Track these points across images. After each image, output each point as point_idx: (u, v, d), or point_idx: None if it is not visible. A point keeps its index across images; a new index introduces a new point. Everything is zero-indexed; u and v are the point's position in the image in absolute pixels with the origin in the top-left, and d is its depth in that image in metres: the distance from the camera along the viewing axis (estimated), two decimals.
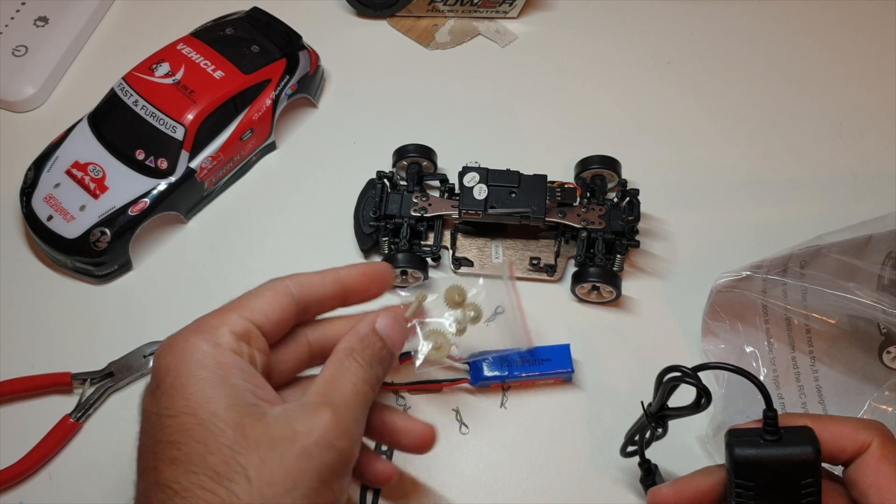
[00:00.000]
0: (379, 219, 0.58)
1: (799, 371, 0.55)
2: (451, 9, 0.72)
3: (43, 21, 0.70)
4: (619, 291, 0.58)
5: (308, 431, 0.37)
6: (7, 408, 0.56)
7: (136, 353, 0.57)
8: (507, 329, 0.55)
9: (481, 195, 0.58)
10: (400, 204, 0.59)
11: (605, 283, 0.57)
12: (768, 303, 0.54)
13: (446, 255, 0.61)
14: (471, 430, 0.55)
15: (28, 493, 0.53)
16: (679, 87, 0.69)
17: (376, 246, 0.60)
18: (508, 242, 0.61)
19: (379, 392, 0.50)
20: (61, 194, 0.59)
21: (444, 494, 0.53)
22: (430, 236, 0.60)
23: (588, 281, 0.57)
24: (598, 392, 0.56)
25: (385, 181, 0.60)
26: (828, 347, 0.54)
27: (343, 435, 0.39)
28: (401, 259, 0.57)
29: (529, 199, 0.58)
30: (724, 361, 0.43)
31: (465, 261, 0.60)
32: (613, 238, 0.58)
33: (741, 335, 0.55)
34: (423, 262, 0.58)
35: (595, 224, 0.58)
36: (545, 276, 0.60)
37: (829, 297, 0.51)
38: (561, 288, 0.60)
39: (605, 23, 0.73)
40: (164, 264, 0.61)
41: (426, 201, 0.59)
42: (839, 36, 0.72)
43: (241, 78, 0.61)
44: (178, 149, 0.59)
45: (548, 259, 0.60)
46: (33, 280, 0.60)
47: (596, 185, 0.61)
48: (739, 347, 0.55)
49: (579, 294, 0.59)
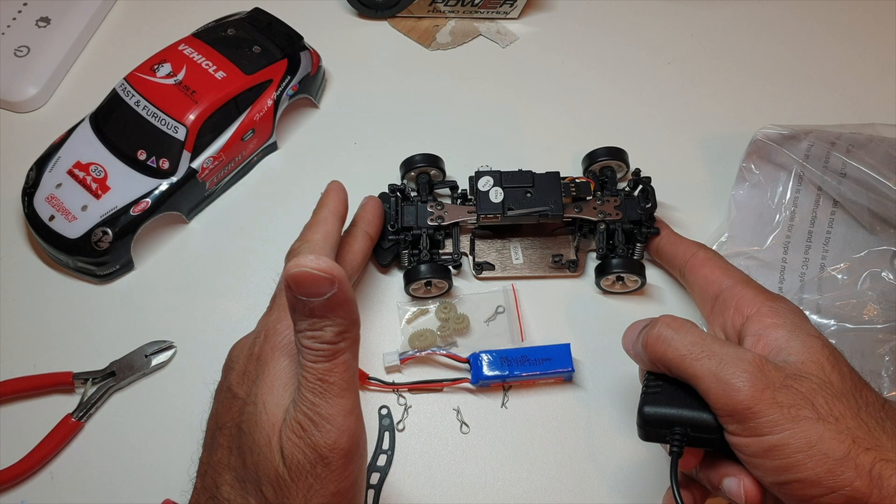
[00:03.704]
0: (397, 232, 0.58)
1: (811, 241, 0.58)
2: (452, 9, 0.72)
3: (45, 21, 0.70)
4: (643, 279, 0.58)
5: None
6: (9, 407, 0.56)
7: (138, 353, 0.57)
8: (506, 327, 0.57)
9: (498, 198, 0.58)
10: (416, 215, 0.59)
11: (630, 272, 0.57)
12: (805, 171, 0.58)
13: (466, 261, 0.61)
14: (471, 430, 0.55)
15: (30, 493, 0.53)
16: (680, 86, 0.69)
17: (396, 259, 0.60)
18: (527, 242, 0.61)
19: (379, 391, 0.51)
20: (63, 194, 0.59)
21: (444, 494, 0.53)
22: (447, 244, 0.60)
23: (612, 272, 0.57)
24: (599, 391, 0.56)
25: (398, 194, 0.60)
26: (845, 232, 0.58)
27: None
28: (424, 270, 0.57)
29: (545, 198, 0.58)
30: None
31: (487, 265, 0.60)
32: (632, 227, 0.58)
33: (770, 188, 0.60)
34: (446, 271, 0.58)
35: (612, 215, 0.58)
36: (567, 272, 0.60)
37: (861, 194, 0.56)
38: (583, 283, 0.60)
39: (606, 23, 0.73)
40: (166, 264, 0.61)
41: (441, 210, 0.59)
42: (840, 36, 0.72)
43: (242, 78, 0.61)
44: (180, 149, 0.59)
45: (567, 255, 0.60)
46: (35, 280, 0.60)
47: (606, 177, 0.61)
48: (765, 202, 0.59)
49: (604, 286, 0.59)
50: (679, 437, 0.44)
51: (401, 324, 0.58)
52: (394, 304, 0.59)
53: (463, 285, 0.60)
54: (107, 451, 0.54)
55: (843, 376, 0.43)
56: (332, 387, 0.40)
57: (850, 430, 0.41)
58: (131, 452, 0.55)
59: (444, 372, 0.57)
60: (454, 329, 0.57)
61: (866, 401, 0.42)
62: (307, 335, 0.39)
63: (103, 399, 0.56)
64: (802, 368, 0.43)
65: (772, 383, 0.42)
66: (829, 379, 0.43)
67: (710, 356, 0.43)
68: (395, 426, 0.55)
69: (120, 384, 0.56)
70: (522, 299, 0.59)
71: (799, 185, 0.59)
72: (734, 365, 0.43)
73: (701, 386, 0.43)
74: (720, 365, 0.43)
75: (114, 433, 0.55)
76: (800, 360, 0.44)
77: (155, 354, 0.57)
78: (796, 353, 0.44)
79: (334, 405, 0.40)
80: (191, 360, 0.57)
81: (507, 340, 0.57)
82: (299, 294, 0.38)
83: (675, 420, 0.44)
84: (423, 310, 0.58)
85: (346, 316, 0.39)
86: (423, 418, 0.56)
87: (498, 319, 0.58)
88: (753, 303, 0.48)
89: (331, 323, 0.39)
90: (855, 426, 0.41)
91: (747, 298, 0.49)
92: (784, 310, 0.47)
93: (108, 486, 0.53)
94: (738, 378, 0.42)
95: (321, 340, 0.39)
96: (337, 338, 0.39)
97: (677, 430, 0.44)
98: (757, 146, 0.60)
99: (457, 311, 0.58)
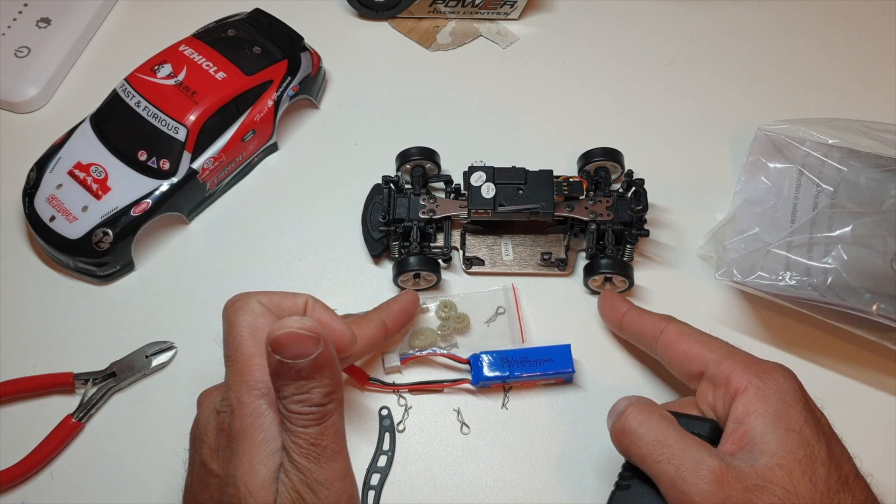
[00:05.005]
0: (388, 223, 0.59)
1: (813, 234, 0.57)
2: (453, 10, 0.72)
3: (45, 22, 0.70)
4: (631, 281, 0.58)
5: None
6: (9, 408, 0.56)
7: (139, 354, 0.57)
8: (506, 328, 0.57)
9: (489, 194, 0.58)
10: (408, 207, 0.59)
11: (618, 273, 0.57)
12: (804, 171, 0.58)
13: (456, 255, 0.61)
14: (472, 431, 0.55)
15: (30, 493, 0.53)
16: (680, 87, 0.69)
17: (386, 251, 0.60)
18: (517, 239, 0.61)
19: (380, 392, 0.50)
20: (64, 195, 0.59)
21: (444, 494, 0.53)
22: (438, 238, 0.60)
23: (600, 273, 0.57)
24: (599, 392, 0.56)
25: (391, 185, 0.60)
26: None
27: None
28: (413, 262, 0.57)
29: (537, 195, 0.58)
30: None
31: (477, 260, 0.60)
32: (622, 228, 0.58)
33: (775, 185, 0.59)
34: (435, 264, 0.58)
35: (603, 216, 0.58)
36: (556, 270, 0.60)
37: (861, 190, 0.56)
38: (572, 282, 0.60)
39: (606, 24, 0.73)
40: (167, 265, 0.61)
41: (434, 203, 0.59)
42: (840, 36, 0.72)
43: (242, 79, 0.61)
44: (181, 150, 0.59)
45: (558, 254, 0.60)
46: (35, 280, 0.60)
47: (600, 178, 0.61)
48: (769, 198, 0.59)
49: (592, 286, 0.59)
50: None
51: None
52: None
53: (453, 280, 0.60)
54: (107, 452, 0.54)
55: (815, 482, 0.41)
56: (326, 450, 0.39)
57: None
58: (131, 453, 0.55)
59: (444, 373, 0.57)
60: (454, 328, 0.57)
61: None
62: (294, 399, 0.39)
63: (104, 400, 0.56)
64: (768, 476, 0.41)
65: (728, 497, 0.41)
66: (795, 489, 0.41)
67: (669, 460, 0.42)
68: (396, 427, 0.55)
69: (120, 385, 0.56)
70: (522, 299, 0.59)
71: (800, 179, 0.59)
72: (692, 473, 0.41)
73: (661, 489, 0.43)
74: (678, 472, 0.42)
75: (114, 434, 0.55)
76: (769, 462, 0.42)
77: (155, 355, 0.57)
78: (769, 452, 0.42)
79: (330, 469, 0.39)
80: (191, 360, 0.57)
81: (508, 341, 0.57)
82: (286, 357, 0.38)
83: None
84: (423, 308, 0.58)
85: (332, 376, 0.39)
86: (423, 419, 0.56)
87: (499, 320, 0.58)
88: (741, 380, 0.45)
89: (318, 384, 0.39)
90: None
91: (736, 375, 0.46)
92: (770, 392, 0.44)
93: (108, 487, 0.53)
94: (693, 488, 0.41)
95: (310, 403, 0.39)
96: (325, 399, 0.39)
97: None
98: (760, 143, 0.61)
99: (457, 309, 0.58)
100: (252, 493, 0.39)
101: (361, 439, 0.55)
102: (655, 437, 0.43)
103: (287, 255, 0.62)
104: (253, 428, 0.40)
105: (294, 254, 0.62)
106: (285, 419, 0.39)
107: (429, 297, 0.59)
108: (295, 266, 0.61)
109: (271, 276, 0.60)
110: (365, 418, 0.55)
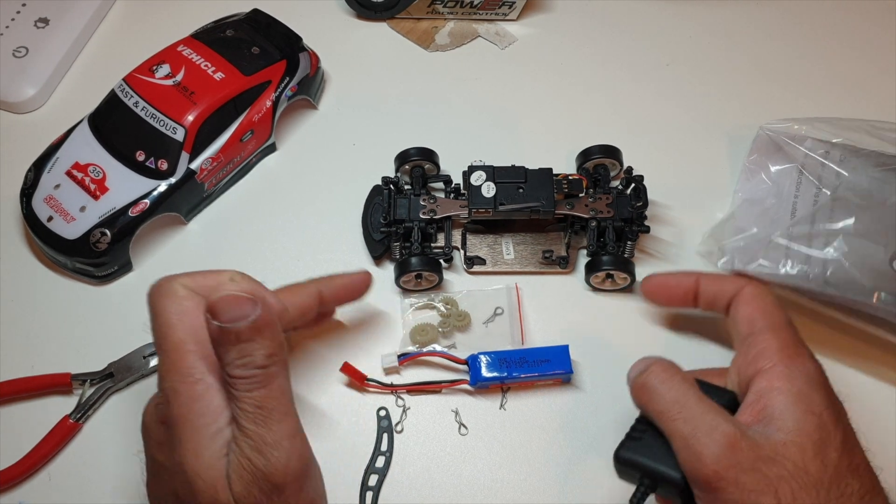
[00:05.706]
0: (389, 224, 0.58)
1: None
2: (451, 11, 0.72)
3: (43, 22, 0.70)
4: (633, 277, 0.58)
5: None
6: (7, 408, 0.56)
7: (136, 354, 0.57)
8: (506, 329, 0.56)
9: (490, 193, 0.58)
10: (408, 208, 0.59)
11: (619, 270, 0.57)
12: (804, 171, 0.58)
13: (457, 255, 0.61)
14: (470, 431, 0.55)
15: (28, 494, 0.53)
16: (678, 88, 0.69)
17: (388, 251, 0.60)
18: (518, 237, 0.61)
19: (378, 393, 0.50)
20: (61, 195, 0.59)
21: (443, 495, 0.53)
22: (439, 238, 0.60)
23: (602, 269, 0.57)
24: (598, 393, 0.56)
25: (391, 186, 0.60)
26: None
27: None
28: (415, 263, 0.57)
29: (537, 193, 0.58)
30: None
31: (478, 259, 0.60)
32: (623, 225, 0.58)
33: (775, 184, 0.59)
34: (437, 265, 0.58)
35: (603, 213, 0.58)
36: (558, 268, 0.60)
37: (864, 188, 0.56)
38: (574, 279, 0.60)
39: (604, 24, 0.73)
40: (165, 265, 0.61)
41: (434, 203, 0.59)
42: (840, 36, 0.72)
43: (241, 79, 0.61)
44: (179, 150, 0.59)
45: (559, 251, 0.60)
46: (33, 281, 0.60)
47: (599, 175, 0.61)
48: (769, 197, 0.58)
49: (594, 283, 0.59)
50: (644, 488, 0.44)
51: (402, 316, 0.58)
52: (389, 304, 0.59)
53: (455, 279, 0.60)
54: (105, 453, 0.54)
55: (826, 464, 0.41)
56: (273, 412, 0.39)
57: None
58: (129, 454, 0.54)
59: (442, 373, 0.57)
60: (455, 325, 0.57)
61: (843, 492, 0.41)
62: (237, 364, 0.39)
63: (101, 400, 0.56)
64: (781, 450, 0.42)
65: (739, 463, 0.41)
66: (805, 467, 0.41)
67: (685, 420, 0.43)
68: (394, 428, 0.55)
69: (118, 385, 0.56)
70: (524, 298, 0.59)
71: (801, 179, 0.58)
72: (707, 435, 0.42)
73: (674, 446, 0.43)
74: (693, 431, 0.42)
75: (112, 434, 0.55)
76: (784, 438, 0.42)
77: (153, 356, 0.57)
78: (785, 429, 0.42)
79: (278, 430, 0.39)
80: None
81: (507, 342, 0.57)
82: (223, 321, 0.38)
83: (645, 470, 0.44)
84: (427, 304, 0.58)
85: (272, 338, 0.39)
86: (421, 420, 0.56)
87: (497, 321, 0.58)
88: (772, 357, 0.46)
89: (259, 346, 0.39)
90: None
91: (769, 350, 0.46)
92: (797, 373, 0.45)
93: (105, 488, 0.53)
94: (706, 449, 0.42)
95: (253, 366, 0.39)
96: (268, 360, 0.39)
97: (646, 481, 0.44)
98: (762, 142, 0.61)
99: (458, 307, 0.58)
100: (200, 475, 0.39)
101: (359, 440, 0.55)
102: (675, 396, 0.44)
103: (285, 256, 0.62)
104: (191, 413, 0.40)
105: (292, 254, 0.62)
106: (230, 386, 0.39)
107: (430, 295, 0.59)
108: (293, 266, 0.61)
109: (270, 276, 0.60)
110: (363, 419, 0.55)
